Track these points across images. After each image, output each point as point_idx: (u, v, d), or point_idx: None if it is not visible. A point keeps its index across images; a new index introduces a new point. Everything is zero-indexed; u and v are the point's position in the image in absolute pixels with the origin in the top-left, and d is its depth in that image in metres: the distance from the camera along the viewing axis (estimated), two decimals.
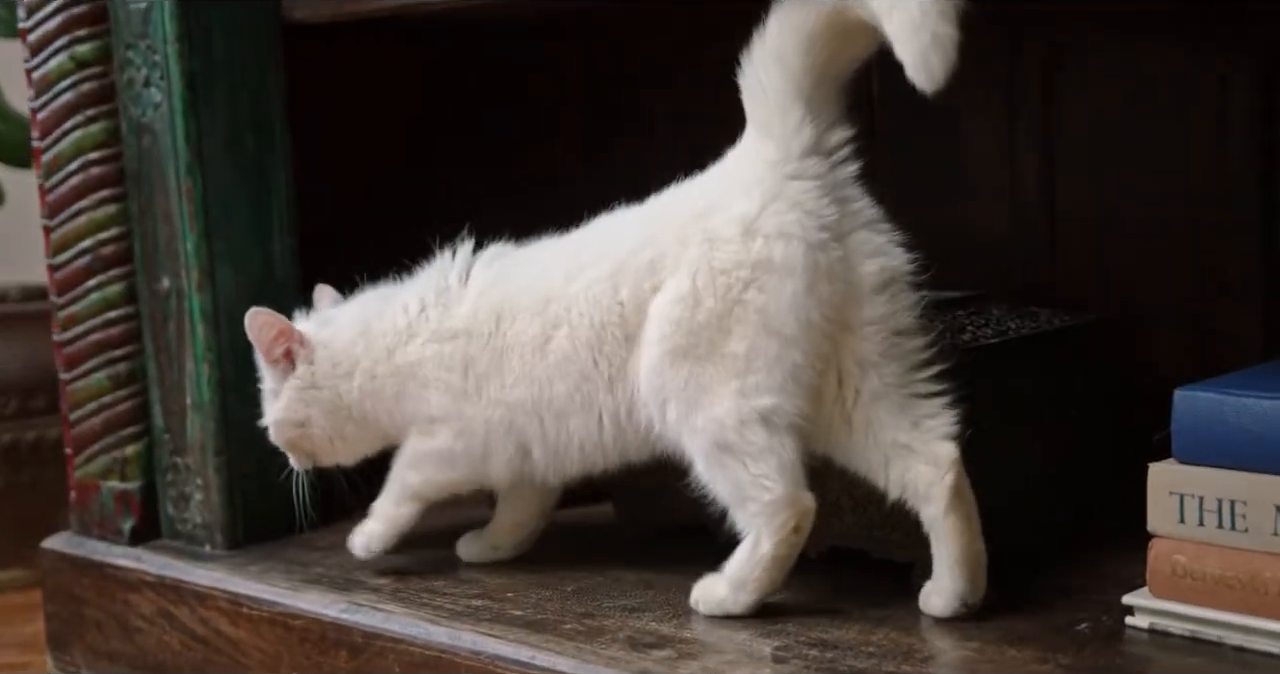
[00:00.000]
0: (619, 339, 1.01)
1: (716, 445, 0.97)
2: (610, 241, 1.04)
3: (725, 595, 1.00)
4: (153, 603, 1.26)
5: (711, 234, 0.97)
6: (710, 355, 0.96)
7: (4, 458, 1.77)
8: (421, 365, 1.10)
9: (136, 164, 1.29)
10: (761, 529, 0.97)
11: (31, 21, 1.31)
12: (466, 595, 1.10)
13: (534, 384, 1.05)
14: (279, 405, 1.14)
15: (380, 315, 1.12)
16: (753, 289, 0.95)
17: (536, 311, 1.05)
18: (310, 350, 1.13)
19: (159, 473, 1.33)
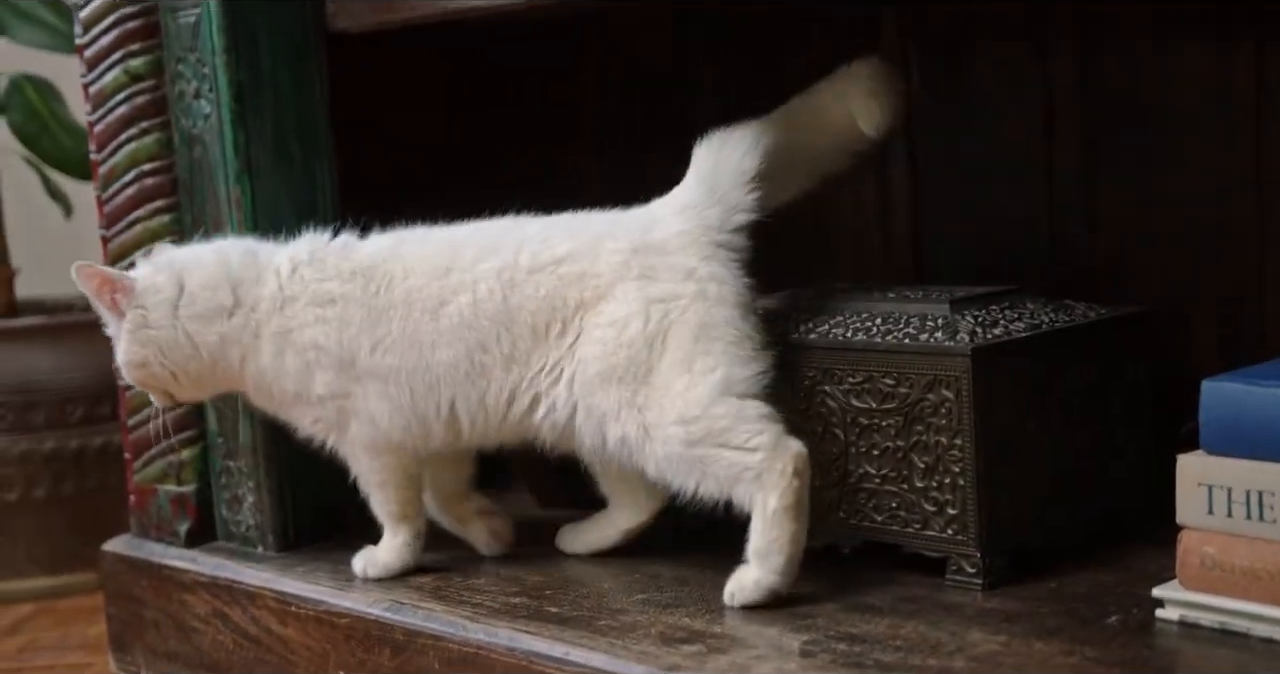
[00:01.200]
0: (527, 326, 1.09)
1: (688, 444, 1.03)
2: (536, 239, 1.11)
3: (757, 575, 1.02)
4: (207, 603, 1.28)
5: (651, 274, 1.07)
6: (651, 374, 1.05)
7: (72, 464, 1.82)
8: (301, 332, 1.14)
9: (188, 174, 1.32)
10: (764, 488, 1.01)
11: (88, 37, 1.35)
12: (505, 593, 1.11)
13: (416, 348, 1.11)
14: (119, 348, 1.17)
15: (245, 266, 1.16)
16: (690, 312, 1.06)
17: (435, 276, 1.11)
18: (137, 294, 1.15)
19: (213, 476, 1.36)
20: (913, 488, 1.05)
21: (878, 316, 1.10)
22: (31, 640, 1.63)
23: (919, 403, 1.04)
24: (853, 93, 1.13)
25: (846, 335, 1.09)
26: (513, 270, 1.10)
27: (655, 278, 1.07)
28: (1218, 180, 1.20)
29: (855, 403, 1.08)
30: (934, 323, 1.06)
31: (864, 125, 1.12)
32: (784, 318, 1.15)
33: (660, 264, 1.08)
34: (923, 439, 1.04)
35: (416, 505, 1.19)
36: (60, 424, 1.81)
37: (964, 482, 1.02)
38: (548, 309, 1.09)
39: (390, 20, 1.27)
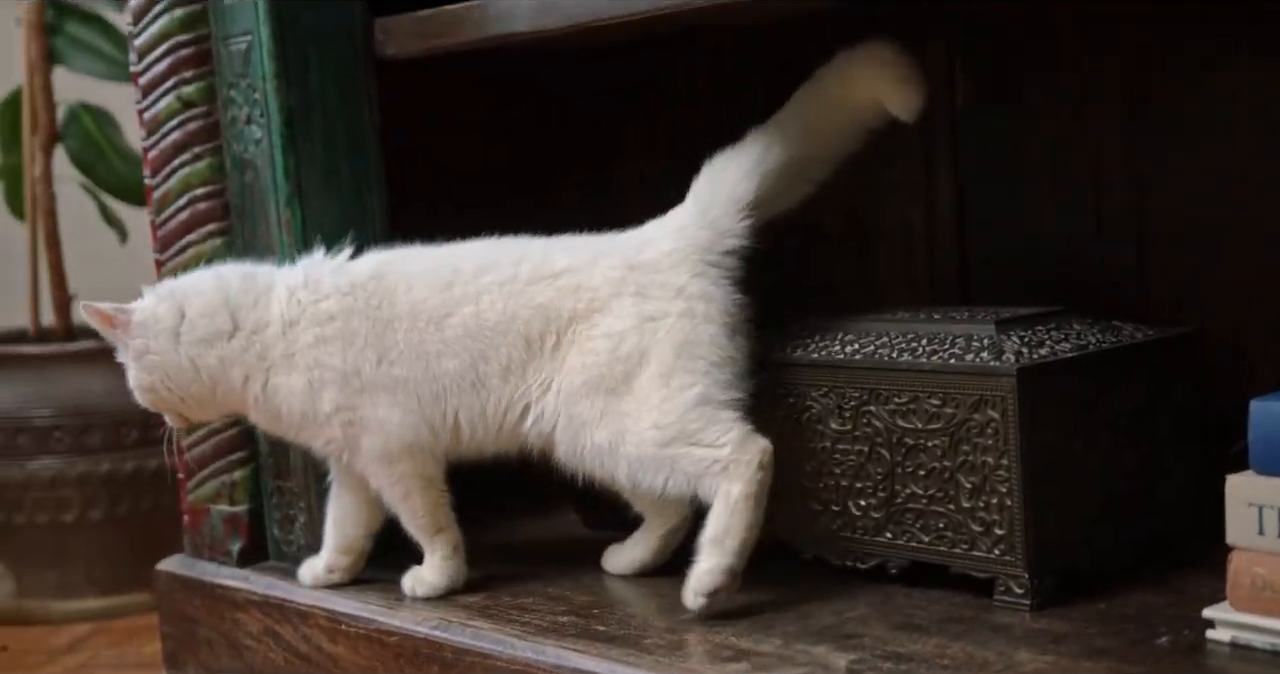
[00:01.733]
0: (520, 335, 1.13)
1: (660, 445, 1.08)
2: (533, 254, 1.15)
3: (715, 561, 1.05)
4: (259, 621, 1.30)
5: (643, 291, 1.12)
6: (632, 385, 1.09)
7: (127, 485, 1.84)
8: (305, 353, 1.16)
9: (240, 198, 1.34)
10: (729, 478, 1.06)
11: (142, 65, 1.37)
12: (553, 612, 1.12)
13: (423, 359, 1.14)
14: (129, 375, 1.21)
15: (243, 291, 1.19)
16: (675, 329, 1.10)
17: (438, 289, 1.15)
18: (135, 326, 1.18)
19: (265, 496, 1.37)
20: (960, 508, 1.05)
21: (923, 337, 1.10)
22: (89, 659, 1.65)
23: (965, 423, 1.04)
24: (880, 79, 1.15)
25: (892, 355, 1.09)
26: (513, 282, 1.14)
27: (648, 295, 1.12)
28: (1268, 199, 1.19)
29: (901, 423, 1.08)
30: (980, 343, 1.06)
31: (900, 111, 1.15)
32: (830, 337, 1.15)
33: (652, 282, 1.12)
34: (969, 459, 1.04)
35: (447, 513, 1.20)
36: (116, 446, 1.84)
37: (1011, 502, 1.02)
38: (542, 319, 1.13)
39: (437, 46, 1.29)
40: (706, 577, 1.05)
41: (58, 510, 1.82)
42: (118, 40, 1.91)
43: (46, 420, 1.81)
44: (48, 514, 1.82)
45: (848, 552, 1.13)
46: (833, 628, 1.02)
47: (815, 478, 1.14)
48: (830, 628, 1.02)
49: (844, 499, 1.12)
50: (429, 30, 1.29)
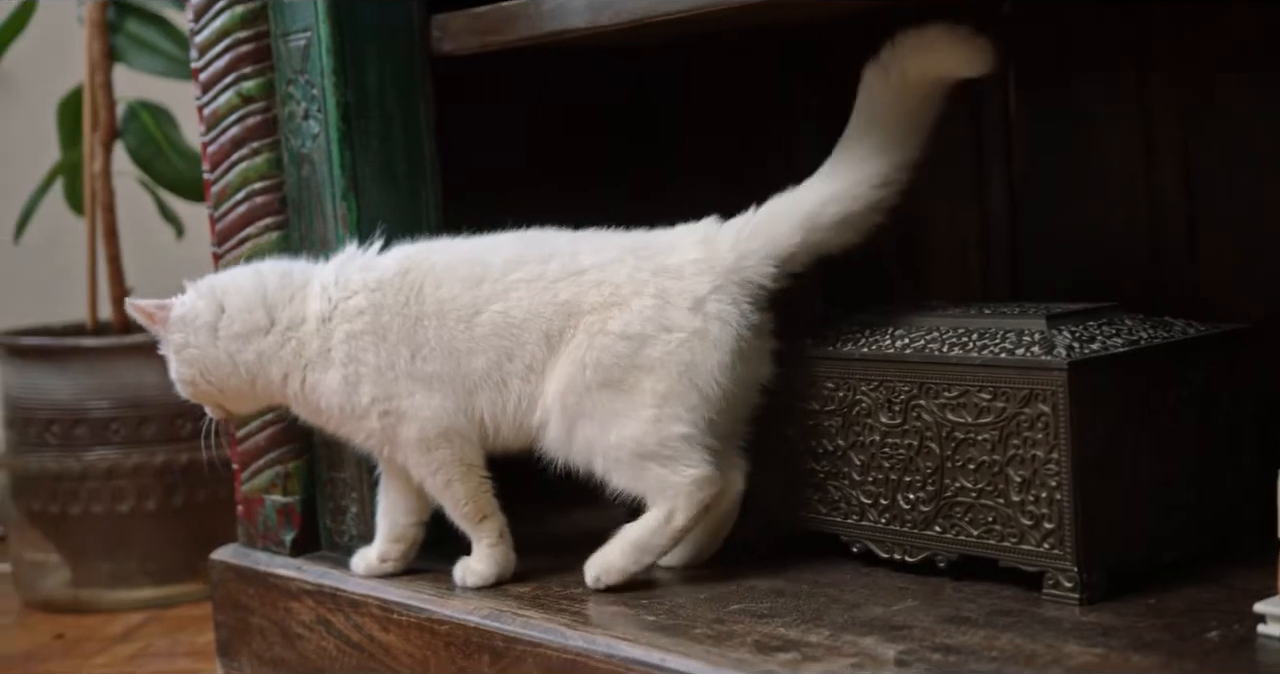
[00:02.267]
0: (542, 333, 1.15)
1: (637, 455, 1.13)
2: (562, 251, 1.18)
3: (624, 563, 1.14)
4: (312, 610, 1.31)
5: (664, 295, 1.14)
6: (635, 388, 1.13)
7: (181, 477, 1.87)
8: (339, 348, 1.18)
9: (297, 193, 1.36)
10: (678, 505, 1.13)
11: (203, 61, 1.40)
12: (602, 603, 1.13)
13: (453, 356, 1.16)
14: (170, 368, 1.24)
15: (280, 288, 1.21)
16: (685, 348, 1.13)
17: (467, 286, 1.17)
18: (174, 321, 1.21)
19: (318, 487, 1.39)
20: (1009, 502, 1.05)
21: (973, 332, 1.11)
22: (144, 648, 1.67)
23: (1015, 417, 1.04)
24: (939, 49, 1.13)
25: (942, 350, 1.10)
26: (540, 280, 1.16)
27: (670, 302, 1.14)
28: None
29: (951, 417, 1.08)
30: (1031, 338, 1.06)
31: (971, 69, 1.13)
32: (880, 332, 1.16)
33: (674, 288, 1.15)
34: (1019, 453, 1.04)
35: (490, 500, 1.21)
36: (171, 438, 1.86)
37: (1061, 496, 1.02)
38: (563, 316, 1.15)
39: (493, 42, 1.31)
40: (618, 572, 1.15)
41: (114, 501, 1.84)
42: (177, 38, 1.94)
43: (104, 412, 1.84)
44: (104, 505, 1.84)
45: (896, 544, 1.13)
46: (881, 619, 1.02)
47: (864, 471, 1.15)
48: (878, 619, 1.02)
49: (893, 492, 1.13)
50: (485, 27, 1.30)
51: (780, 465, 1.21)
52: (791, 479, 1.20)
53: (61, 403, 1.85)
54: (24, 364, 1.88)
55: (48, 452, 1.85)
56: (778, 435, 1.21)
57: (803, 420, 1.19)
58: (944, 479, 1.09)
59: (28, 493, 1.87)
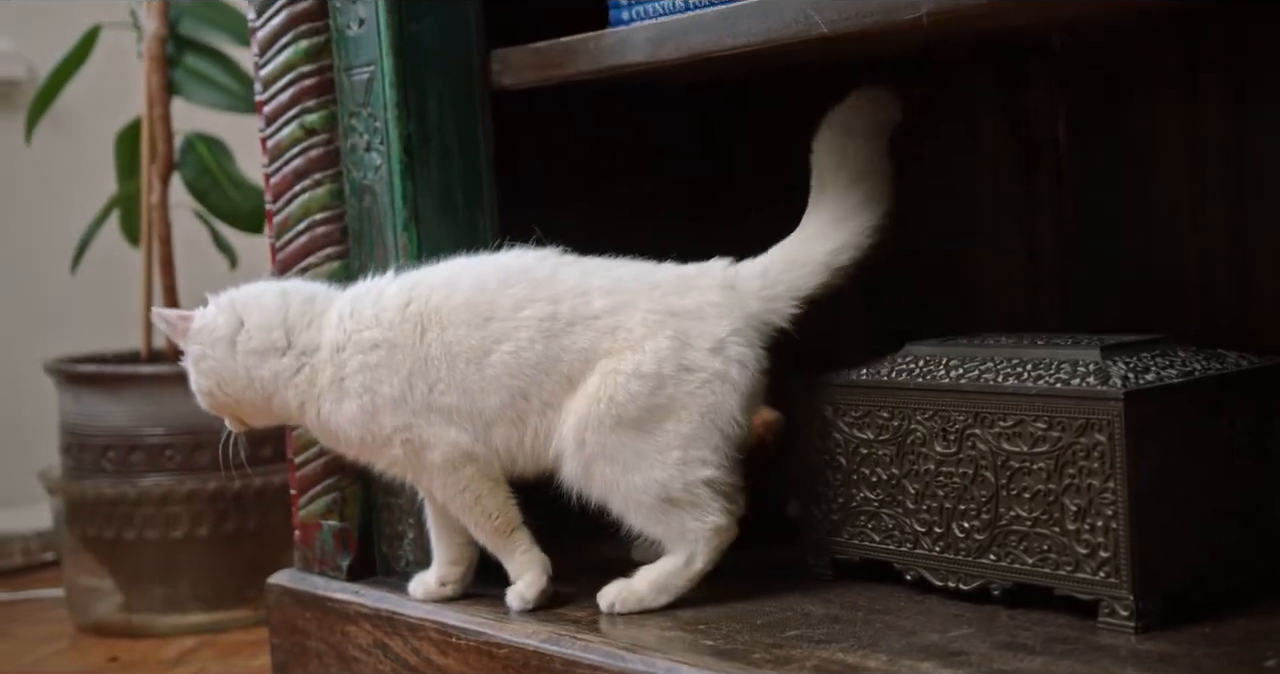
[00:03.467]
0: (564, 375, 1.17)
1: (661, 500, 1.16)
2: (575, 292, 1.19)
3: (645, 595, 1.18)
4: (369, 634, 1.33)
5: (683, 337, 1.16)
6: (656, 429, 1.16)
7: (234, 504, 1.89)
8: (353, 379, 1.20)
9: (358, 223, 1.39)
10: (698, 551, 1.17)
11: (267, 94, 1.43)
12: (660, 627, 1.14)
13: (466, 394, 1.18)
14: (189, 379, 1.26)
15: (301, 313, 1.23)
16: (708, 388, 1.16)
17: (474, 326, 1.18)
18: (194, 332, 1.24)
19: (374, 512, 1.41)
20: (1064, 531, 1.06)
21: (1027, 362, 1.12)
22: (197, 671, 1.70)
23: (1071, 447, 1.05)
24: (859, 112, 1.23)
25: (997, 379, 1.11)
26: (553, 321, 1.18)
27: (689, 344, 1.17)
28: None
29: (1006, 446, 1.10)
30: (1085, 368, 1.08)
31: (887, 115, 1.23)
32: (934, 362, 1.17)
33: (693, 330, 1.17)
34: (1075, 482, 1.05)
35: (517, 513, 1.23)
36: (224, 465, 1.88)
37: (1117, 525, 1.03)
38: (583, 361, 1.17)
39: (553, 77, 1.33)
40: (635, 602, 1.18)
41: (167, 527, 1.87)
42: (234, 73, 1.98)
43: (159, 439, 1.87)
44: (158, 530, 1.87)
45: (950, 572, 1.14)
46: (938, 646, 1.04)
47: (919, 499, 1.16)
48: (935, 646, 1.04)
49: (947, 521, 1.14)
50: (545, 61, 1.33)
51: (833, 494, 1.22)
52: (844, 507, 1.22)
53: (118, 429, 1.88)
54: (81, 391, 1.91)
55: (103, 477, 1.88)
56: (830, 464, 1.22)
57: (856, 449, 1.20)
58: (999, 508, 1.10)
59: (82, 518, 1.90)
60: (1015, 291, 1.46)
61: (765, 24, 1.13)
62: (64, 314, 2.39)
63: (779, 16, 1.12)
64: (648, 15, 1.30)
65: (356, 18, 1.35)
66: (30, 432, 2.32)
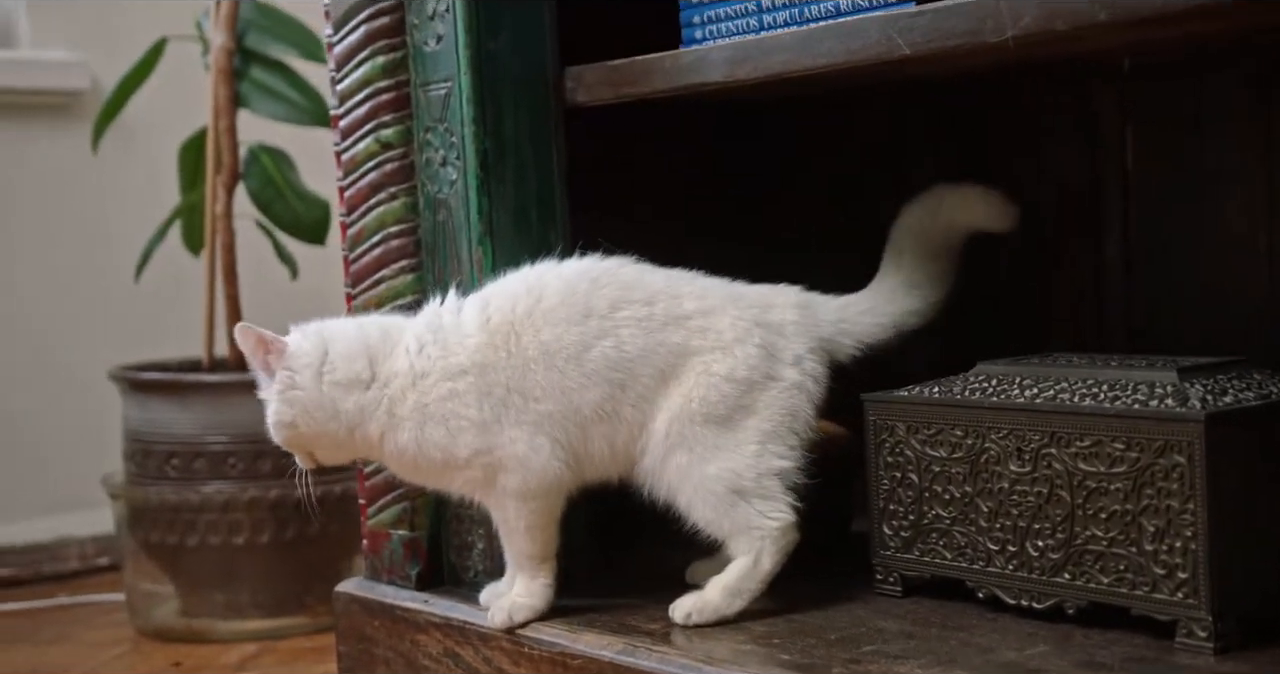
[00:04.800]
0: (658, 369, 1.21)
1: (732, 490, 1.19)
2: (666, 293, 1.23)
3: (720, 603, 1.20)
4: (440, 643, 1.35)
5: (769, 348, 1.22)
6: (737, 425, 1.20)
7: (294, 512, 1.91)
8: (440, 405, 1.21)
9: (432, 237, 1.40)
10: (765, 550, 1.20)
11: (343, 109, 1.45)
12: (735, 641, 1.16)
13: (564, 394, 1.20)
14: (270, 409, 1.24)
15: (381, 342, 1.24)
16: (785, 396, 1.22)
17: (572, 323, 1.21)
18: (287, 357, 1.22)
19: (444, 523, 1.43)
20: (1142, 551, 1.07)
21: (1103, 383, 1.13)
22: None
23: (1150, 467, 1.06)
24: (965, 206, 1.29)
25: (1074, 400, 1.12)
26: (649, 320, 1.22)
27: (775, 356, 1.22)
28: None
29: (1083, 466, 1.10)
30: (1164, 390, 1.09)
31: (1000, 224, 1.29)
32: (1007, 381, 1.18)
33: (776, 343, 1.23)
34: (1153, 503, 1.06)
35: (555, 546, 1.26)
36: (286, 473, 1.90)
37: (1195, 546, 1.04)
38: (675, 355, 1.21)
39: (628, 95, 1.35)
40: (712, 612, 1.20)
41: (229, 533, 1.89)
42: (299, 86, 2.00)
43: (222, 446, 1.89)
44: (220, 537, 1.89)
45: (1024, 591, 1.15)
46: (1016, 664, 1.04)
47: (992, 518, 1.17)
48: (1013, 664, 1.04)
49: (1021, 539, 1.15)
50: (620, 79, 1.34)
51: (904, 511, 1.23)
52: (915, 524, 1.23)
53: (181, 437, 1.90)
54: (146, 398, 1.93)
55: (166, 484, 1.91)
56: (902, 481, 1.23)
57: (928, 466, 1.21)
58: (1074, 527, 1.11)
59: (145, 523, 1.92)
60: (1082, 314, 1.47)
61: (847, 45, 1.14)
62: (125, 322, 2.42)
63: (862, 38, 1.13)
64: (721, 35, 1.31)
65: (434, 34, 1.37)
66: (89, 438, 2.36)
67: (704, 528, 1.21)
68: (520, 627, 1.25)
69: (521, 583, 1.26)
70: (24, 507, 2.35)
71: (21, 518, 2.34)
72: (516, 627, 1.25)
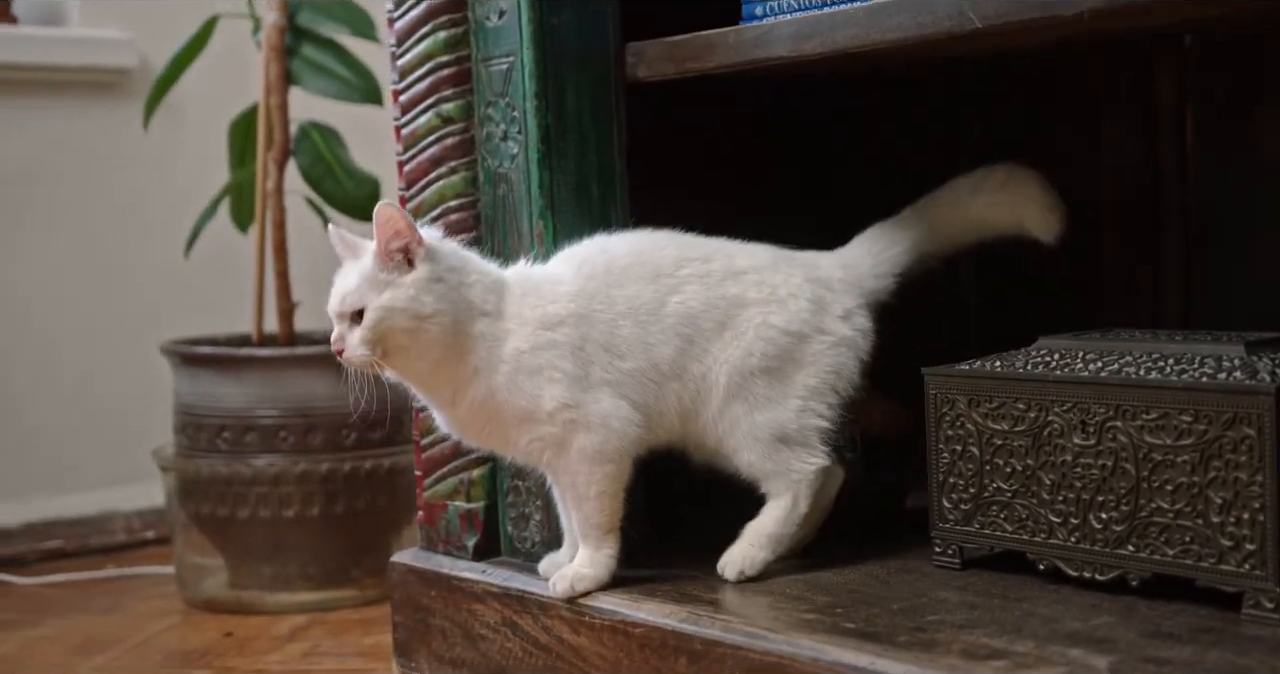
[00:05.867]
0: (716, 321, 1.26)
1: (776, 438, 1.26)
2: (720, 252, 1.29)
3: (766, 554, 1.26)
4: (497, 612, 1.36)
5: (819, 303, 1.29)
6: (787, 378, 1.27)
7: (344, 485, 1.92)
8: (535, 355, 1.22)
9: (492, 211, 1.42)
10: (800, 492, 1.26)
11: (404, 83, 1.46)
12: (797, 610, 1.17)
13: (646, 350, 1.24)
14: (403, 295, 1.18)
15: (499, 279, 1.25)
16: (833, 352, 1.28)
17: (647, 281, 1.26)
18: (433, 253, 1.21)
19: (501, 495, 1.44)
20: (1208, 523, 1.07)
21: (1169, 356, 1.14)
22: (312, 648, 1.73)
23: (1218, 440, 1.06)
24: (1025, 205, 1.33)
25: (1139, 373, 1.13)
26: (708, 277, 1.27)
27: (825, 309, 1.29)
28: None
29: (1149, 439, 1.11)
30: (1230, 363, 1.09)
31: (1043, 234, 1.33)
32: (1070, 355, 1.19)
33: (828, 298, 1.30)
34: (1220, 475, 1.06)
35: (620, 517, 1.27)
36: (336, 447, 1.93)
37: (1264, 518, 1.04)
38: (731, 307, 1.26)
39: (690, 70, 1.35)
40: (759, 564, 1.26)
41: (280, 506, 1.90)
42: (350, 64, 2.01)
43: (273, 420, 1.90)
44: (270, 510, 1.91)
45: (1086, 563, 1.16)
46: (1082, 633, 1.05)
47: (1054, 490, 1.18)
48: (1079, 633, 1.05)
49: (1084, 512, 1.16)
50: (683, 54, 1.35)
51: (964, 484, 1.24)
52: (976, 497, 1.23)
53: (233, 410, 1.92)
54: (198, 372, 1.95)
55: (217, 457, 1.92)
56: (963, 454, 1.24)
57: (990, 439, 1.22)
58: (1139, 499, 1.12)
59: (195, 496, 1.94)
60: (1138, 291, 1.47)
61: (917, 19, 1.15)
62: (173, 299, 2.44)
63: (932, 11, 1.13)
64: (781, 11, 1.32)
65: (497, 9, 1.38)
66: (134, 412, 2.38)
67: (745, 469, 1.27)
68: (581, 597, 1.26)
69: (585, 553, 1.27)
70: (76, 480, 2.37)
71: (73, 491, 2.37)
72: (578, 597, 1.26)
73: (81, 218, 2.40)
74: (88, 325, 2.40)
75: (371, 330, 1.19)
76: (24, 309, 2.34)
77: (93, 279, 2.41)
